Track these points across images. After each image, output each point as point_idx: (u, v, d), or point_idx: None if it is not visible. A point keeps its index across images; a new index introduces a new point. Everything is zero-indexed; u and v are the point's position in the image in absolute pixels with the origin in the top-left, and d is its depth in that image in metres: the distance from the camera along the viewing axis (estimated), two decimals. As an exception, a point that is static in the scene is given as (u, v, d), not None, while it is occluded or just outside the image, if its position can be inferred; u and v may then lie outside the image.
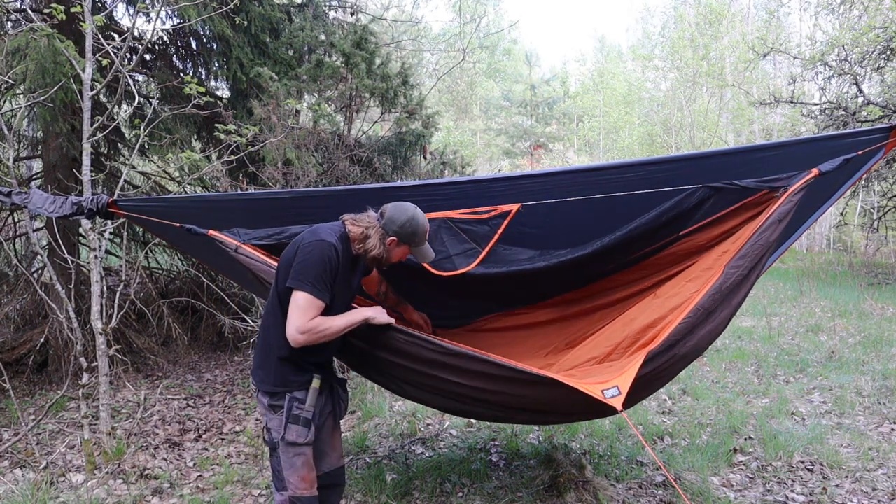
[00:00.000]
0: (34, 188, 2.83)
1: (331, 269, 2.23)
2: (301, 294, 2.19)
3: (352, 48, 6.12)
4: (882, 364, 6.12)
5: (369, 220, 2.38)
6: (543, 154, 27.88)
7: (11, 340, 5.75)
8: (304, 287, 2.19)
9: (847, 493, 3.49)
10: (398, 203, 2.42)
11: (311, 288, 2.19)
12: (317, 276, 2.20)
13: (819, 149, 2.71)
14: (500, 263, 3.02)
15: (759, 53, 14.50)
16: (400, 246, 2.41)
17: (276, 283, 2.35)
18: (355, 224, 2.36)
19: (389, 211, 2.38)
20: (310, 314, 2.19)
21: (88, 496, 3.45)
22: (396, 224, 2.36)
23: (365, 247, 2.34)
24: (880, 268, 15.29)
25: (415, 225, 2.38)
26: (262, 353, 2.41)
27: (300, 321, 2.18)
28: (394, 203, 2.42)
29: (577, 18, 64.64)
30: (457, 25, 25.82)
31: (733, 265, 2.55)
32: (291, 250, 2.30)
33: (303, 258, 2.22)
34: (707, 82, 24.52)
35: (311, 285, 2.19)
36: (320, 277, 2.20)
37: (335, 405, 2.55)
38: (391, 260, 2.43)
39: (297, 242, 2.31)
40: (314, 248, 2.22)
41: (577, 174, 2.94)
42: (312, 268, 2.20)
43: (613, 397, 2.26)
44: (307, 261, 2.20)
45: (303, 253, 2.23)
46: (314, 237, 2.26)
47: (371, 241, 2.34)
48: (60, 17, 3.99)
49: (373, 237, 2.35)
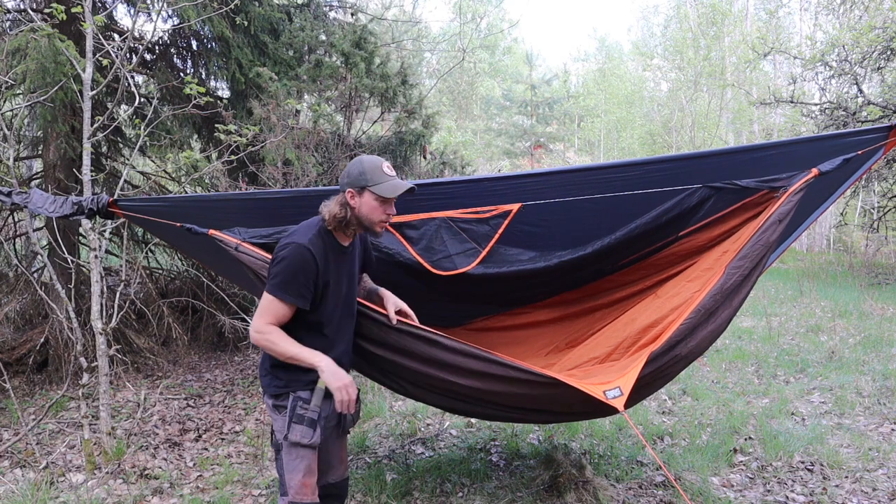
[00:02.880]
0: (34, 188, 2.83)
1: (304, 271, 2.16)
2: (266, 295, 2.17)
3: (351, 48, 6.12)
4: (882, 364, 6.12)
5: (330, 201, 2.29)
6: (543, 154, 27.88)
7: (11, 340, 5.75)
8: (269, 289, 2.16)
9: (847, 494, 3.49)
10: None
11: (275, 290, 2.15)
12: (284, 280, 2.14)
13: (819, 149, 2.72)
14: (501, 263, 3.02)
15: (759, 53, 14.51)
16: (361, 195, 2.23)
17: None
18: (325, 205, 2.28)
19: (342, 175, 2.29)
20: (267, 316, 2.16)
21: (88, 496, 3.45)
22: (344, 176, 2.25)
23: (332, 218, 2.24)
24: (880, 268, 15.29)
25: (360, 165, 2.23)
26: (265, 354, 2.37)
27: (257, 321, 2.17)
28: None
29: (577, 18, 64.69)
30: (457, 25, 25.83)
31: (734, 265, 2.55)
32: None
33: (274, 262, 2.18)
34: (708, 82, 24.52)
35: (275, 288, 2.15)
36: (288, 281, 2.14)
37: (343, 413, 2.45)
38: (369, 217, 2.24)
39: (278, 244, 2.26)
40: (285, 251, 2.16)
41: (578, 174, 2.95)
42: (281, 272, 2.14)
43: (615, 398, 2.27)
44: (277, 265, 2.16)
45: (275, 257, 2.19)
46: (288, 239, 2.20)
47: (330, 207, 2.25)
48: (61, 17, 3.99)
49: (331, 203, 2.25)
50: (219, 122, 5.04)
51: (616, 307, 3.17)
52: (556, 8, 64.92)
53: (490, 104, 31.29)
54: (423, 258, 2.94)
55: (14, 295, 5.89)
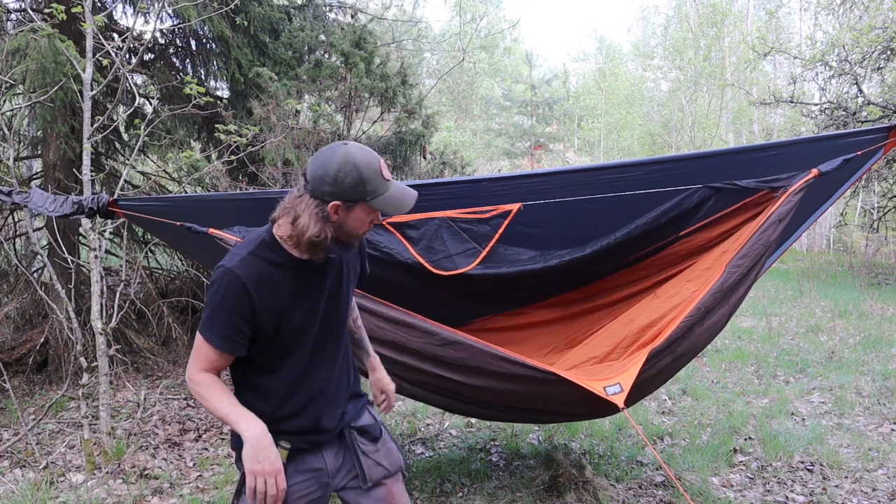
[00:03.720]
0: (34, 187, 2.83)
1: (228, 307, 1.63)
2: (198, 335, 1.70)
3: (350, 48, 6.12)
4: (882, 364, 6.12)
5: (292, 199, 1.65)
6: (543, 154, 27.89)
7: (11, 340, 5.74)
8: (201, 327, 1.70)
9: (847, 494, 3.49)
10: (320, 153, 1.65)
11: (202, 329, 1.68)
12: (212, 316, 1.66)
13: (819, 149, 2.72)
14: (501, 263, 3.02)
15: (759, 53, 14.51)
16: (352, 209, 1.62)
17: None
18: (281, 215, 1.67)
19: (312, 169, 1.61)
20: (199, 361, 1.70)
21: (88, 496, 3.45)
22: (328, 182, 1.58)
23: (300, 236, 1.63)
24: (880, 268, 15.29)
25: (356, 171, 1.58)
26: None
27: (190, 366, 1.71)
28: (315, 156, 1.66)
29: (577, 18, 64.72)
30: (457, 25, 25.84)
31: (734, 264, 2.56)
32: None
33: (208, 293, 1.71)
34: (708, 82, 24.53)
35: (203, 325, 1.69)
36: (216, 318, 1.65)
37: (357, 465, 1.97)
38: (352, 232, 1.66)
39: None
40: (214, 280, 1.66)
41: (578, 174, 2.95)
42: (209, 305, 1.67)
43: (615, 394, 2.27)
44: (208, 297, 1.69)
45: (209, 286, 1.70)
46: (220, 264, 1.69)
47: (303, 221, 1.61)
48: (61, 17, 3.99)
49: (303, 216, 1.61)
50: (219, 122, 5.04)
51: (616, 307, 3.17)
52: (556, 8, 64.98)
53: (490, 104, 31.29)
54: (423, 258, 2.94)
55: (14, 295, 5.89)
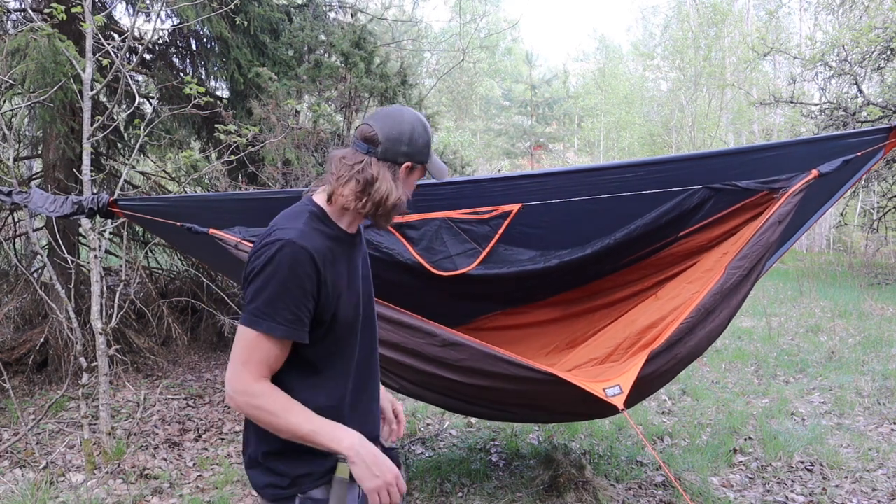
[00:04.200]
0: (34, 188, 2.83)
1: (301, 281, 1.36)
2: (244, 331, 1.36)
3: (350, 48, 6.13)
4: (882, 364, 6.13)
5: (352, 161, 1.45)
6: (543, 154, 27.89)
7: (11, 340, 5.74)
8: (248, 320, 1.36)
9: (847, 494, 3.49)
10: (381, 112, 1.52)
11: (258, 320, 1.35)
12: (272, 300, 1.35)
13: (819, 149, 2.72)
14: (501, 263, 3.02)
15: (759, 53, 14.51)
16: (413, 171, 1.53)
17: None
18: (333, 182, 1.46)
19: (383, 129, 1.46)
20: (253, 365, 1.36)
21: (88, 496, 3.45)
22: (404, 142, 1.46)
23: (380, 200, 1.45)
24: (880, 268, 15.29)
25: (425, 131, 1.52)
26: (250, 432, 1.51)
27: (239, 375, 1.36)
28: (374, 115, 1.52)
29: (577, 18, 64.74)
30: (457, 25, 25.83)
31: (734, 265, 2.56)
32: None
33: (252, 275, 1.38)
34: (708, 82, 24.54)
35: (259, 315, 1.35)
36: (279, 300, 1.35)
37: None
38: (405, 200, 1.53)
39: (265, 232, 1.43)
40: (272, 256, 1.35)
41: (578, 174, 2.95)
42: (267, 288, 1.35)
43: (615, 395, 2.28)
44: (264, 277, 1.35)
45: (252, 266, 1.38)
46: (268, 237, 1.39)
47: (385, 185, 1.44)
48: (60, 17, 3.98)
49: (382, 180, 1.44)
50: (218, 122, 5.04)
51: (616, 307, 3.17)
52: (556, 8, 65.00)
53: (490, 104, 31.30)
54: (423, 258, 2.94)
55: (14, 295, 5.89)
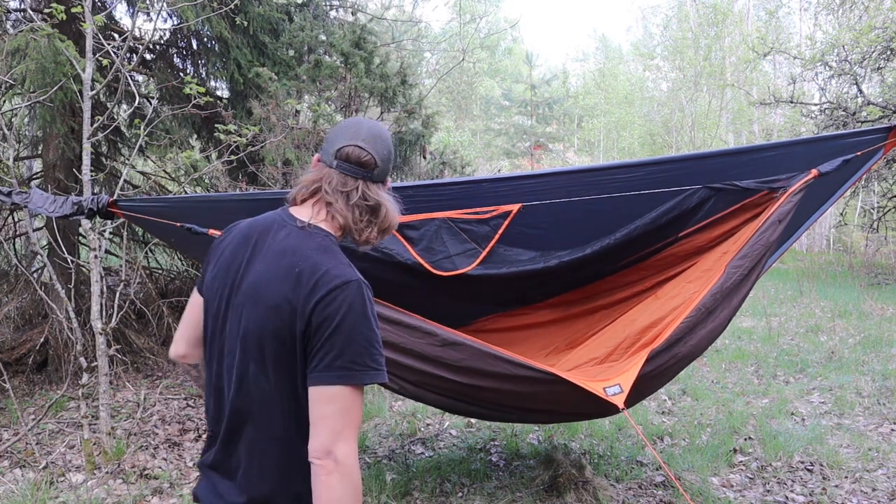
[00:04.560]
0: (34, 188, 2.83)
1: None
2: (348, 392, 1.25)
3: (350, 48, 6.13)
4: (882, 364, 6.13)
5: (347, 188, 1.38)
6: (543, 154, 27.89)
7: (11, 340, 5.74)
8: (357, 377, 1.25)
9: (847, 494, 3.49)
10: (361, 130, 1.42)
11: (372, 369, 1.27)
12: (375, 344, 1.29)
13: (819, 149, 2.72)
14: (501, 264, 3.02)
15: (759, 53, 14.51)
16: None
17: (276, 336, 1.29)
18: (328, 210, 1.38)
19: (374, 150, 1.40)
20: (355, 428, 1.27)
21: (88, 496, 3.45)
22: (391, 160, 1.46)
23: (389, 225, 1.43)
24: (880, 268, 15.29)
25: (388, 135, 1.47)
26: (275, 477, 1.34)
27: (349, 444, 1.24)
28: (353, 133, 1.41)
29: (577, 18, 64.74)
30: (457, 25, 25.83)
31: (734, 265, 2.56)
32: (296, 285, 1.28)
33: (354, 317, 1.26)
34: (708, 82, 24.54)
35: (371, 362, 1.27)
36: (377, 344, 1.30)
37: None
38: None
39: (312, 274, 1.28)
40: (358, 299, 1.27)
41: (578, 175, 2.95)
42: (368, 332, 1.27)
43: (615, 395, 2.28)
44: (362, 321, 1.26)
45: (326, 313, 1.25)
46: (345, 278, 1.29)
47: (390, 208, 1.42)
48: (60, 17, 3.98)
49: (387, 204, 1.41)
50: (218, 122, 5.04)
51: (616, 308, 3.17)
52: (556, 8, 65.00)
53: (490, 104, 31.29)
54: (423, 259, 2.94)
55: (14, 295, 5.89)
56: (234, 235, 1.45)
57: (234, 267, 1.39)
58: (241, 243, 1.41)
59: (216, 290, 1.41)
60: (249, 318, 1.32)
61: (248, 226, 1.45)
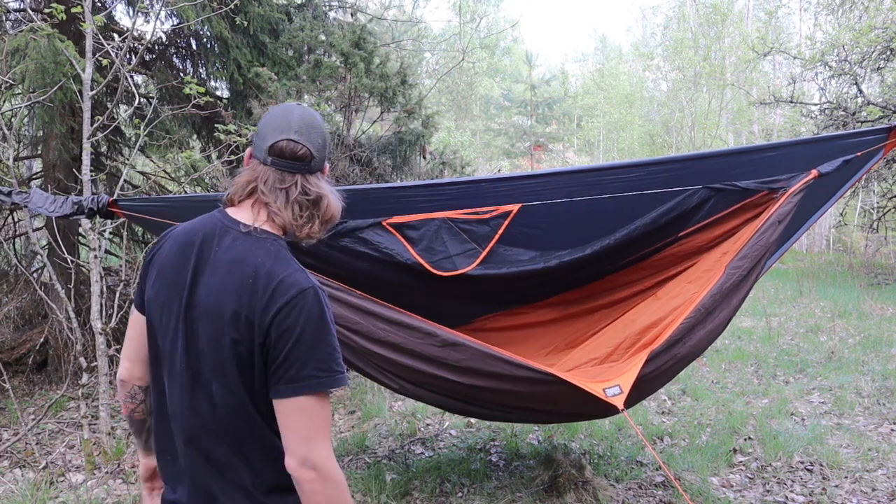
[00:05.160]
0: (34, 188, 2.83)
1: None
2: (314, 401, 1.23)
3: (350, 48, 6.13)
4: (882, 364, 6.13)
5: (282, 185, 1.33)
6: (543, 154, 27.89)
7: (11, 340, 5.74)
8: (322, 382, 1.24)
9: (847, 494, 3.49)
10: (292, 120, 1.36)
11: (337, 374, 1.26)
12: (336, 349, 1.28)
13: (819, 149, 2.72)
14: (501, 264, 3.02)
15: (759, 53, 14.51)
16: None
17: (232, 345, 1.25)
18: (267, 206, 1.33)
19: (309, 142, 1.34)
20: (328, 431, 1.26)
21: (88, 496, 3.44)
22: (328, 147, 1.41)
23: (331, 216, 1.37)
24: (880, 268, 15.29)
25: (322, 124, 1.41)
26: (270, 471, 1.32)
27: (323, 446, 1.23)
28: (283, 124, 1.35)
29: (577, 18, 64.76)
30: (457, 25, 25.84)
31: (734, 265, 2.56)
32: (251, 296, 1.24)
33: (314, 324, 1.24)
34: (708, 82, 24.54)
35: (335, 368, 1.25)
36: (338, 350, 1.29)
37: None
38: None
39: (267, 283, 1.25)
40: (315, 306, 1.25)
41: (578, 175, 2.95)
42: (329, 338, 1.26)
43: (615, 395, 2.28)
44: (322, 328, 1.25)
45: (289, 322, 1.23)
46: (301, 286, 1.26)
47: (332, 202, 1.38)
48: (60, 17, 3.99)
49: (329, 195, 1.37)
50: (218, 121, 5.04)
51: (616, 308, 3.17)
52: (556, 8, 65.02)
53: (490, 104, 31.28)
54: (423, 259, 2.94)
55: (14, 295, 5.89)
56: (171, 245, 1.36)
57: (179, 280, 1.31)
58: (181, 253, 1.33)
59: (161, 305, 1.33)
60: (207, 333, 1.26)
61: (185, 233, 1.36)
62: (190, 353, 1.29)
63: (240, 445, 1.30)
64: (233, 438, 1.29)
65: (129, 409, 1.52)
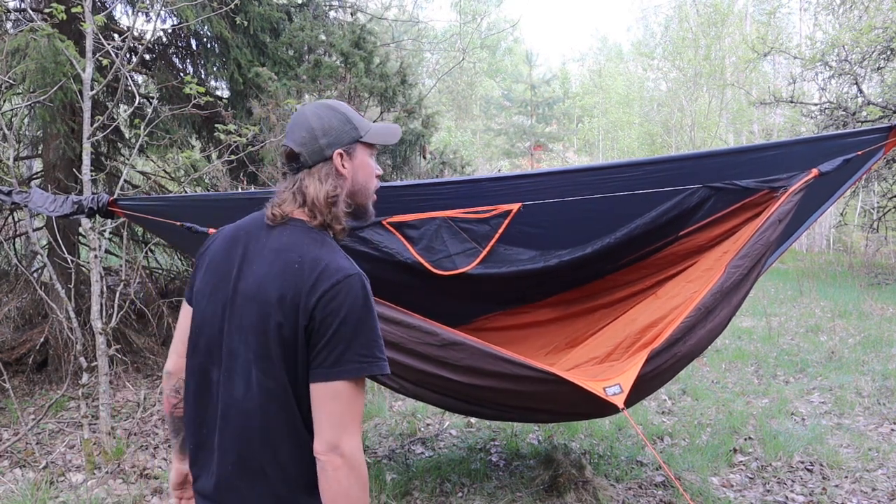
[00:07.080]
0: (34, 187, 2.82)
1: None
2: (347, 386, 1.25)
3: (350, 48, 6.13)
4: (882, 364, 6.13)
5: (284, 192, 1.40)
6: (543, 154, 27.89)
7: (11, 340, 5.74)
8: (357, 368, 1.25)
9: (847, 494, 3.49)
10: (290, 129, 1.40)
11: (374, 360, 1.27)
12: (377, 337, 1.30)
13: (819, 149, 2.72)
14: (501, 263, 3.02)
15: (759, 53, 14.50)
16: (354, 154, 1.40)
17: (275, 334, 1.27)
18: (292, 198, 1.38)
19: (292, 141, 1.38)
20: (358, 422, 1.28)
21: (88, 496, 3.44)
22: (319, 136, 1.36)
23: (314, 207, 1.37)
24: (880, 268, 15.29)
25: (333, 112, 1.39)
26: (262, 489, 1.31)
27: (354, 437, 1.26)
28: (288, 133, 1.40)
29: (577, 18, 64.78)
30: (457, 25, 25.83)
31: (734, 264, 2.56)
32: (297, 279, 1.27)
33: (354, 311, 1.25)
34: (708, 82, 24.53)
35: (372, 354, 1.27)
36: (379, 337, 1.31)
37: None
38: (366, 185, 1.44)
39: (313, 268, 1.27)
40: (359, 293, 1.27)
41: (578, 174, 2.95)
42: (370, 324, 1.27)
43: (615, 395, 2.28)
44: (362, 315, 1.26)
45: (332, 307, 1.24)
46: (345, 272, 1.28)
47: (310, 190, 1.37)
48: (60, 16, 3.99)
49: (310, 185, 1.37)
50: (218, 121, 5.04)
51: (616, 307, 3.17)
52: (556, 8, 65.04)
53: (490, 104, 31.29)
54: (423, 258, 2.94)
55: (14, 295, 5.89)
56: (221, 241, 1.44)
57: (227, 271, 1.36)
58: (230, 246, 1.40)
59: (209, 295, 1.38)
60: (251, 318, 1.29)
61: (234, 228, 1.45)
62: (233, 339, 1.31)
63: (273, 435, 1.30)
64: (266, 428, 1.29)
65: (172, 403, 1.53)
